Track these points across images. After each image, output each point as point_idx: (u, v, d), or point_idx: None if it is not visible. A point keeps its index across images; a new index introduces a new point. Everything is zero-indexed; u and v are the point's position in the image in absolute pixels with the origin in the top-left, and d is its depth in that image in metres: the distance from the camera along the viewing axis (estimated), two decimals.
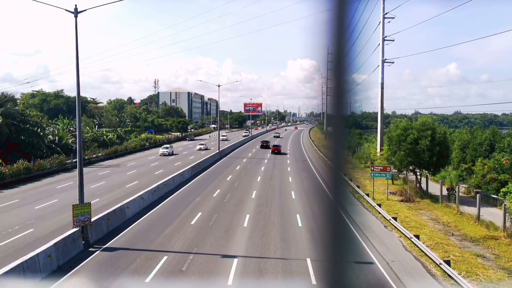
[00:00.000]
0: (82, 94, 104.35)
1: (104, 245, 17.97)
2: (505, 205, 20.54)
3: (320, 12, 1.40)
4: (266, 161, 51.04)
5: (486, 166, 30.50)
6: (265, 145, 67.13)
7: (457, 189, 26.35)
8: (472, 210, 23.82)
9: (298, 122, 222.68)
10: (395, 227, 20.66)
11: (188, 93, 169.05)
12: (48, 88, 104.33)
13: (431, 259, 15.91)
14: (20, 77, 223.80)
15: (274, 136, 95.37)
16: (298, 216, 23.29)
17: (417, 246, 17.45)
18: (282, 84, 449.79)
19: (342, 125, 1.46)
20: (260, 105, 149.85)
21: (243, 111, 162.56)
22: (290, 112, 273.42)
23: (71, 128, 56.89)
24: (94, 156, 51.01)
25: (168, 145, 60.34)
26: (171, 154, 56.83)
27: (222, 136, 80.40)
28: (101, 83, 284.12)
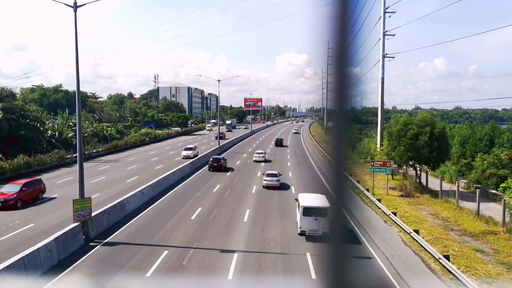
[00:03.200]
0: (73, 88, 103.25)
1: (105, 239, 18.03)
2: (504, 200, 20.58)
3: (321, 6, 1.40)
4: (266, 155, 51.05)
5: (485, 162, 30.54)
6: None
7: (457, 184, 26.40)
8: (471, 205, 23.86)
9: (302, 117, 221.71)
10: (395, 222, 20.71)
11: (188, 88, 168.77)
12: (40, 83, 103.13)
13: (430, 254, 15.97)
14: (10, 73, 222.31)
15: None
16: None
17: (417, 241, 17.50)
18: (276, 79, 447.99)
19: (343, 120, 1.46)
20: (260, 100, 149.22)
21: (242, 105, 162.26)
22: (290, 107, 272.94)
23: (71, 123, 56.85)
24: (94, 151, 51.00)
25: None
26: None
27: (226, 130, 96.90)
28: (95, 78, 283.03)
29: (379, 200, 24.75)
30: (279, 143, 64.50)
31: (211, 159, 39.48)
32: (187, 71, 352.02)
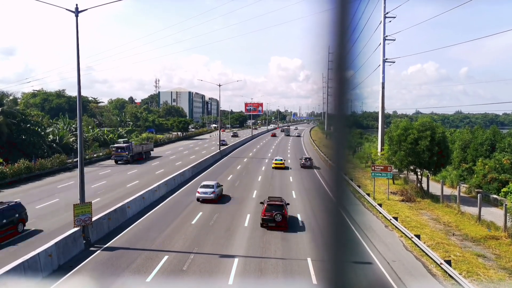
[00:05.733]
0: (73, 93, 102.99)
1: (105, 244, 17.99)
2: (506, 205, 20.52)
3: (322, 11, 1.40)
4: (266, 160, 51.02)
5: (486, 166, 30.48)
6: None
7: (458, 188, 26.35)
8: (473, 210, 23.79)
9: (295, 122, 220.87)
10: (396, 227, 20.65)
11: (189, 92, 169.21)
12: (34, 87, 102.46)
13: (431, 259, 15.90)
14: (3, 77, 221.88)
15: None
16: (298, 215, 23.29)
17: (418, 246, 17.44)
18: (272, 84, 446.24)
19: (344, 125, 1.46)
20: (261, 104, 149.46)
21: (243, 110, 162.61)
22: (291, 112, 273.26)
23: (72, 128, 56.95)
24: (95, 155, 51.04)
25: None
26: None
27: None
28: (91, 83, 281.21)
29: (380, 204, 24.69)
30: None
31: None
32: (181, 75, 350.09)
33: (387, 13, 39.77)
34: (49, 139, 49.13)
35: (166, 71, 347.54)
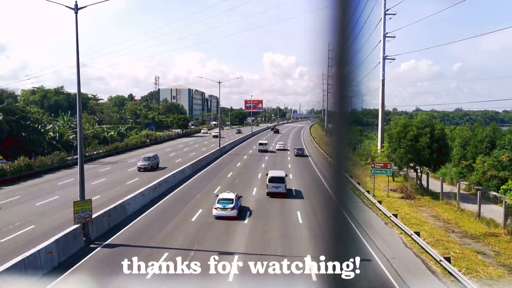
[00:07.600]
0: (70, 90, 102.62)
1: (105, 241, 18.02)
2: (505, 202, 20.55)
3: (322, 8, 1.40)
4: (266, 158, 51.05)
5: (486, 163, 30.49)
6: None
7: (457, 186, 26.38)
8: (472, 207, 23.82)
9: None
10: (396, 224, 20.68)
11: (189, 89, 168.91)
12: (32, 84, 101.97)
13: (431, 255, 15.94)
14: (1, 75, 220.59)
15: None
16: (298, 213, 23.32)
17: (418, 243, 17.47)
18: (269, 81, 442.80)
19: (344, 122, 1.46)
20: (261, 102, 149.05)
21: (242, 107, 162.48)
22: (291, 109, 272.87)
23: (72, 125, 56.92)
24: (95, 152, 51.03)
25: None
26: None
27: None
28: (88, 80, 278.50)
29: (380, 202, 24.71)
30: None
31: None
32: (176, 72, 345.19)
33: (387, 10, 39.69)
34: (49, 136, 49.11)
35: (160, 68, 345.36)
